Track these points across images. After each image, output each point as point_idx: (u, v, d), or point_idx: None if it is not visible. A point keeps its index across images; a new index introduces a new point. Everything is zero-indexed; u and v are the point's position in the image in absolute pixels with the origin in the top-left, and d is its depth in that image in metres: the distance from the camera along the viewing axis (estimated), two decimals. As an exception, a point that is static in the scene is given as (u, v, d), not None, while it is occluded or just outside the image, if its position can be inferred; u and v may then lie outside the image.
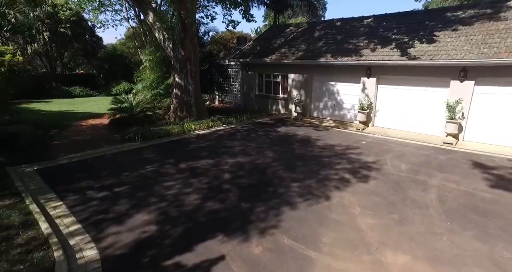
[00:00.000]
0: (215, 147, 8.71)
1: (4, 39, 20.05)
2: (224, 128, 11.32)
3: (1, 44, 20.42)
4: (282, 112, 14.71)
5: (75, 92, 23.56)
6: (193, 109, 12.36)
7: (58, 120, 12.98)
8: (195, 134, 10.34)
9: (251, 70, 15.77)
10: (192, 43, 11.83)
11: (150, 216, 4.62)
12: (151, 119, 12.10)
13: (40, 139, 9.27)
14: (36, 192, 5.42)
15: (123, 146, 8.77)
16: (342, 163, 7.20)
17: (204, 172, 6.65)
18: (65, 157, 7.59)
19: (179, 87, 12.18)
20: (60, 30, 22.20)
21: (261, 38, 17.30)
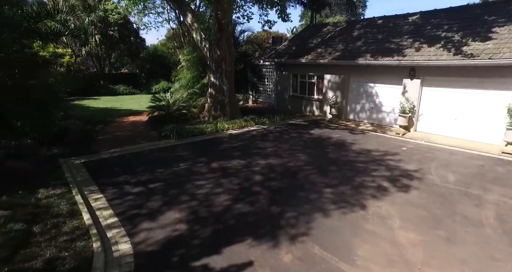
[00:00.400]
0: (247, 148, 8.69)
1: (63, 43, 22.08)
2: (256, 129, 11.29)
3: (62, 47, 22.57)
4: (316, 114, 14.32)
5: (119, 90, 25.17)
6: (227, 109, 12.50)
7: (103, 116, 13.92)
8: (228, 134, 10.43)
9: (286, 70, 15.57)
10: (227, 43, 11.96)
11: (181, 214, 4.70)
12: (186, 118, 12.47)
13: (87, 134, 9.97)
14: (81, 183, 5.81)
15: (159, 143, 9.11)
16: (380, 170, 6.77)
17: (235, 172, 6.65)
18: (107, 152, 8.07)
19: (214, 86, 12.39)
20: (109, 32, 23.88)
21: (296, 38, 17.02)
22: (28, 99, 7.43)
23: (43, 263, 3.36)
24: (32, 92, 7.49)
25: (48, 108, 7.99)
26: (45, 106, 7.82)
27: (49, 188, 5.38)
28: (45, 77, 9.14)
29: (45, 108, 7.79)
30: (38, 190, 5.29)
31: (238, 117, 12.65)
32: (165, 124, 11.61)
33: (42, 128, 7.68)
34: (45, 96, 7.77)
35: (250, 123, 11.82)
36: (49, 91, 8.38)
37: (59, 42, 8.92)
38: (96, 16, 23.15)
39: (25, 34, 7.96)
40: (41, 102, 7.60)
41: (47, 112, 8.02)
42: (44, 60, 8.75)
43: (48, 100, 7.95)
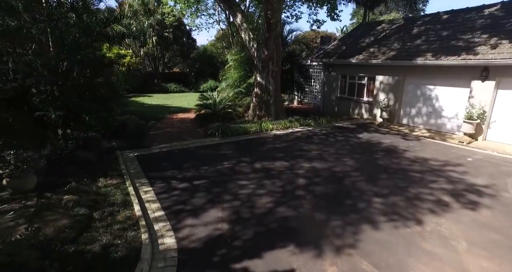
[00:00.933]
0: (291, 149, 8.51)
1: (126, 44, 24.14)
2: (301, 130, 11.02)
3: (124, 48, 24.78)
4: (365, 117, 13.52)
5: (170, 88, 26.73)
6: (272, 109, 12.43)
7: (155, 113, 14.84)
8: (272, 134, 10.35)
9: (334, 71, 14.97)
10: (275, 43, 11.87)
11: (223, 213, 4.72)
12: (231, 116, 12.69)
13: (141, 129, 10.70)
14: (134, 175, 6.21)
15: (204, 140, 9.39)
16: (439, 181, 6.08)
17: (278, 174, 6.53)
18: (157, 147, 8.55)
19: (260, 86, 12.41)
20: (164, 34, 25.47)
21: (347, 37, 16.26)
22: (95, 96, 8.21)
23: (100, 247, 3.62)
24: (98, 89, 8.27)
25: (110, 104, 8.75)
26: (108, 102, 8.58)
27: (107, 178, 5.85)
28: (109, 76, 10.05)
29: (108, 104, 8.53)
30: (99, 179, 5.78)
31: (282, 118, 12.50)
32: (211, 122, 11.97)
33: (105, 122, 8.43)
34: (108, 93, 8.51)
35: (294, 124, 11.59)
36: (112, 88, 9.17)
37: (122, 44, 9.55)
38: (154, 19, 24.88)
39: (97, 38, 8.81)
40: (105, 98, 8.35)
41: (110, 107, 8.79)
42: (110, 60, 9.54)
43: (111, 97, 8.70)
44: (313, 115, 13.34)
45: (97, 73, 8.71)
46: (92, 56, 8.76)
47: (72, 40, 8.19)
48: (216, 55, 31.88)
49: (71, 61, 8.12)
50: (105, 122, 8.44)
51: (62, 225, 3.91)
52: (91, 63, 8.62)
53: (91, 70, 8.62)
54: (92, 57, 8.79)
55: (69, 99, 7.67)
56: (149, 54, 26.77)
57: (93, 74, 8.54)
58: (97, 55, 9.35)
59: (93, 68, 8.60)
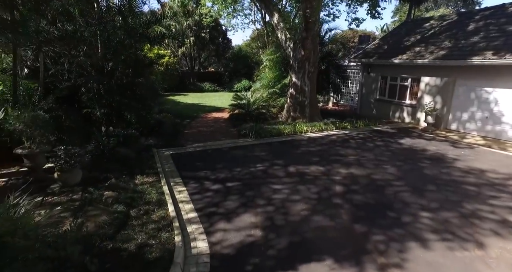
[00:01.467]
0: (327, 153, 8.13)
1: (165, 45, 25.13)
2: (337, 133, 10.54)
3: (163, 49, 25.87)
4: (407, 121, 12.62)
5: (205, 87, 27.32)
6: (306, 110, 12.07)
7: (190, 111, 15.19)
8: (307, 137, 10.01)
9: (374, 72, 14.18)
10: (313, 43, 11.50)
11: (256, 219, 4.56)
12: (265, 117, 12.54)
13: (176, 127, 10.96)
14: (169, 174, 6.30)
15: (238, 141, 9.33)
16: (502, 198, 5.36)
17: (313, 179, 6.23)
18: (191, 146, 8.65)
19: (295, 87, 12.10)
20: (201, 35, 26.09)
21: (389, 36, 15.32)
22: (135, 95, 8.52)
23: (135, 247, 3.64)
24: (139, 88, 8.57)
25: (149, 103, 9.03)
26: (147, 101, 8.86)
27: (144, 176, 5.98)
28: (149, 75, 10.42)
29: (147, 103, 8.82)
30: (136, 176, 5.93)
31: (317, 120, 12.09)
32: (244, 122, 11.92)
33: (144, 120, 8.74)
34: (147, 93, 8.80)
35: (330, 127, 11.13)
36: (151, 88, 9.47)
37: (162, 44, 9.84)
38: (192, 20, 25.59)
39: (139, 39, 9.16)
40: (144, 97, 8.64)
41: (148, 106, 9.08)
42: (150, 60, 9.87)
43: (150, 96, 8.98)
44: (349, 117, 12.73)
45: (138, 73, 9.06)
46: (134, 56, 9.13)
47: (118, 42, 8.58)
48: (251, 55, 32.01)
49: (116, 61, 8.52)
50: (144, 120, 8.73)
51: (102, 221, 4.02)
52: (133, 63, 8.98)
53: (133, 70, 8.98)
54: (134, 57, 9.17)
55: (112, 98, 8.05)
56: (186, 54, 27.60)
57: (134, 74, 8.89)
58: (139, 55, 9.72)
59: (135, 68, 8.94)
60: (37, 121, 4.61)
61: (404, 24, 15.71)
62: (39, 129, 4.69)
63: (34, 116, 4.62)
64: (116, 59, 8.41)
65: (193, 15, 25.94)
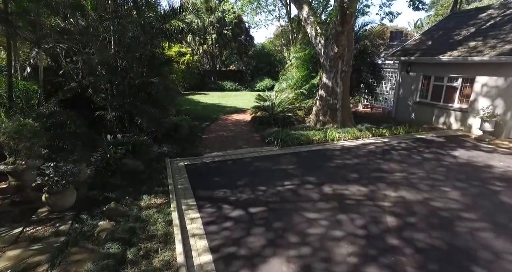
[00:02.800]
0: (366, 168, 6.86)
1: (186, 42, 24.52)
2: (374, 142, 9.18)
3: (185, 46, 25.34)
4: (454, 128, 10.96)
5: (226, 86, 26.50)
6: (338, 115, 10.77)
7: (210, 113, 14.32)
8: (340, 146, 8.75)
9: (414, 71, 12.56)
10: (348, 39, 10.17)
11: (289, 267, 3.47)
12: (291, 121, 11.38)
13: (194, 131, 10.06)
14: (181, 193, 5.34)
15: (261, 150, 8.25)
16: None
17: (356, 206, 5.04)
18: (209, 155, 7.68)
19: (326, 88, 10.83)
20: (224, 32, 25.24)
21: (434, 30, 13.55)
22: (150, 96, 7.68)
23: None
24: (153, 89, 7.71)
25: (164, 105, 8.17)
26: (162, 103, 8.00)
27: (151, 195, 5.06)
28: (166, 74, 9.58)
29: (162, 105, 7.96)
30: (142, 196, 5.02)
31: (350, 125, 10.76)
32: (267, 125, 10.87)
33: (158, 125, 7.89)
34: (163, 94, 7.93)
35: (365, 134, 9.77)
36: (167, 88, 8.61)
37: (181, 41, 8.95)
38: (215, 17, 24.79)
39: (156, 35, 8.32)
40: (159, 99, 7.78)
41: (164, 109, 8.22)
42: (167, 58, 9.01)
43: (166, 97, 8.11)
44: (384, 122, 11.34)
45: (154, 72, 8.24)
46: (150, 53, 8.29)
47: (132, 37, 7.78)
48: (274, 53, 30.80)
49: (129, 59, 7.72)
50: (158, 124, 7.89)
51: (85, 272, 3.08)
52: (148, 61, 8.15)
53: (148, 69, 8.15)
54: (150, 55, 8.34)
55: (123, 100, 7.25)
56: (208, 52, 26.87)
57: (150, 73, 8.07)
58: (155, 52, 8.90)
59: (150, 66, 8.11)
60: (23, 132, 3.80)
61: (452, 16, 13.84)
62: (25, 141, 3.87)
63: (20, 125, 3.81)
64: (129, 57, 7.60)
65: (215, 11, 25.13)
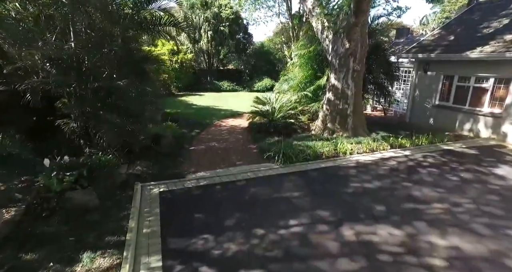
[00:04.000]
0: (393, 195, 5.32)
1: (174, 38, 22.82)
2: (394, 155, 7.64)
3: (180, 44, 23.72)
4: (485, 136, 9.43)
5: (223, 86, 24.96)
6: (349, 121, 9.22)
7: (203, 117, 12.79)
8: (354, 161, 7.19)
9: (433, 70, 11.03)
10: (362, 33, 8.61)
11: None
12: (293, 128, 9.84)
13: (180, 142, 8.51)
14: (144, 244, 3.77)
15: (259, 168, 6.69)
16: None
17: (394, 266, 3.49)
18: (194, 177, 6.12)
19: (334, 90, 9.28)
20: (220, 28, 23.65)
21: (455, 23, 11.99)
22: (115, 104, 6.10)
23: None
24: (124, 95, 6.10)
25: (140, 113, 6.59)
26: (136, 111, 6.42)
27: (97, 252, 3.50)
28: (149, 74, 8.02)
29: (134, 114, 6.37)
30: (83, 254, 3.45)
31: (362, 134, 9.22)
32: (266, 134, 9.36)
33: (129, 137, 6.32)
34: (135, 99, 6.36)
35: (382, 145, 8.22)
36: (144, 92, 7.05)
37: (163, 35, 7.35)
38: (210, 13, 23.19)
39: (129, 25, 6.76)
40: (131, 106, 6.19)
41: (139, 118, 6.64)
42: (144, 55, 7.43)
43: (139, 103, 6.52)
44: (400, 128, 9.87)
45: (128, 72, 6.69)
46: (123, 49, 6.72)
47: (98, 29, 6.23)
48: (274, 51, 29.24)
49: (93, 56, 6.15)
50: (130, 137, 6.32)
51: None
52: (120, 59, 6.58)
53: (119, 69, 6.58)
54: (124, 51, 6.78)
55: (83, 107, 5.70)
56: (204, 50, 25.27)
57: (122, 73, 6.50)
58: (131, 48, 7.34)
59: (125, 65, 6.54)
60: None
61: (476, 7, 12.23)
62: None
63: None
64: (91, 53, 6.02)
65: (211, 6, 23.53)
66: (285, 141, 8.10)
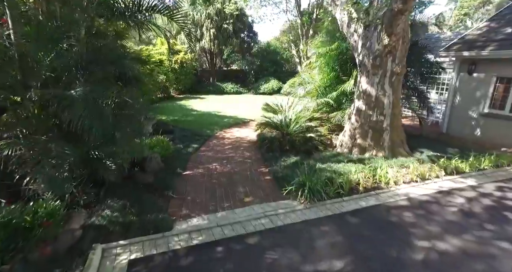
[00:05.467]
0: (492, 269, 3.41)
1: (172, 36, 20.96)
2: (454, 186, 5.71)
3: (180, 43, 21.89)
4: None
5: (227, 88, 23.21)
6: (385, 137, 7.30)
7: (203, 126, 11.00)
8: (403, 196, 5.27)
9: (481, 71, 9.09)
10: (405, 25, 6.70)
11: None
12: (313, 144, 7.93)
13: (171, 165, 6.64)
14: None
15: (276, 209, 4.80)
16: None
17: None
18: (184, 229, 4.21)
19: (366, 98, 7.37)
20: (224, 26, 21.82)
21: (509, 13, 9.98)
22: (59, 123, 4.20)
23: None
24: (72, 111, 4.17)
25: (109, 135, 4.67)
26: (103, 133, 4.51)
27: None
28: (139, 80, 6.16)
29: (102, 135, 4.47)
30: None
31: (403, 153, 7.31)
32: (281, 151, 7.54)
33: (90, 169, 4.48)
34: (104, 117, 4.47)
35: (433, 170, 6.27)
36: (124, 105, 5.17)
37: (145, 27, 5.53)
38: (213, 9, 21.38)
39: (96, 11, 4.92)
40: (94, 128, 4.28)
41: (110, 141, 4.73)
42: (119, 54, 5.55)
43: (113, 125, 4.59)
44: (440, 142, 8.09)
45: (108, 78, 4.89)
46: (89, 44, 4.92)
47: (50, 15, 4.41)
48: (281, 50, 27.36)
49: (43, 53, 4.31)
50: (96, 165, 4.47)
51: None
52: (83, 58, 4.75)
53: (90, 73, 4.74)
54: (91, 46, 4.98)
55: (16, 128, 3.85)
56: (206, 49, 23.46)
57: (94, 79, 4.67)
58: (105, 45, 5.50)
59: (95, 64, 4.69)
60: None
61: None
62: None
63: None
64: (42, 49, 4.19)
65: (214, 2, 21.69)
66: (306, 163, 6.23)
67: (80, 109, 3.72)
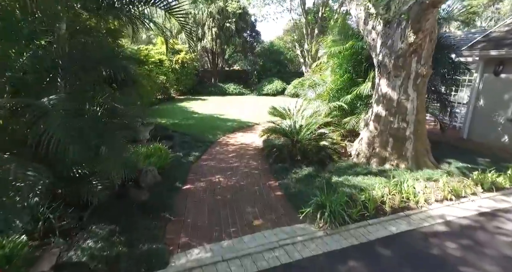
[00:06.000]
0: None
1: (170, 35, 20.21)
2: (497, 206, 4.95)
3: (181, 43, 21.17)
4: None
5: (229, 89, 22.50)
6: (408, 147, 6.52)
7: (205, 130, 10.26)
8: (438, 218, 4.49)
9: (509, 72, 8.31)
10: (434, 20, 5.93)
11: None
12: (327, 153, 7.16)
13: (168, 179, 5.90)
14: None
15: (293, 237, 4.03)
16: None
17: None
18: (182, 266, 3.48)
19: (386, 102, 6.60)
20: (226, 25, 21.07)
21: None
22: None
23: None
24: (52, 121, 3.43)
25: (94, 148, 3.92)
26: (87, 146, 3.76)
27: None
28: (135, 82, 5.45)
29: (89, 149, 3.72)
30: None
31: (428, 164, 6.53)
32: (290, 159, 6.79)
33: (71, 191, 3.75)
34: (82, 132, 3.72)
35: (468, 186, 5.49)
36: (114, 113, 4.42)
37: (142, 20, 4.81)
38: (215, 7, 20.63)
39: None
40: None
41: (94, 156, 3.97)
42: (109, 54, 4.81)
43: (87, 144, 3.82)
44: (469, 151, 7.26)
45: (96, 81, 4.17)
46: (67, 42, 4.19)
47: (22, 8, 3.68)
48: (284, 50, 26.59)
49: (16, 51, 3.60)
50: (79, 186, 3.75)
51: None
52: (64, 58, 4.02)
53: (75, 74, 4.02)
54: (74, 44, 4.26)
55: None
56: (208, 49, 22.71)
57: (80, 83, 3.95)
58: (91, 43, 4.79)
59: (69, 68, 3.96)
60: None
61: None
62: None
63: None
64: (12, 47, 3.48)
65: (216, 0, 20.94)
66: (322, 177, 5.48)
67: (54, 121, 2.98)
